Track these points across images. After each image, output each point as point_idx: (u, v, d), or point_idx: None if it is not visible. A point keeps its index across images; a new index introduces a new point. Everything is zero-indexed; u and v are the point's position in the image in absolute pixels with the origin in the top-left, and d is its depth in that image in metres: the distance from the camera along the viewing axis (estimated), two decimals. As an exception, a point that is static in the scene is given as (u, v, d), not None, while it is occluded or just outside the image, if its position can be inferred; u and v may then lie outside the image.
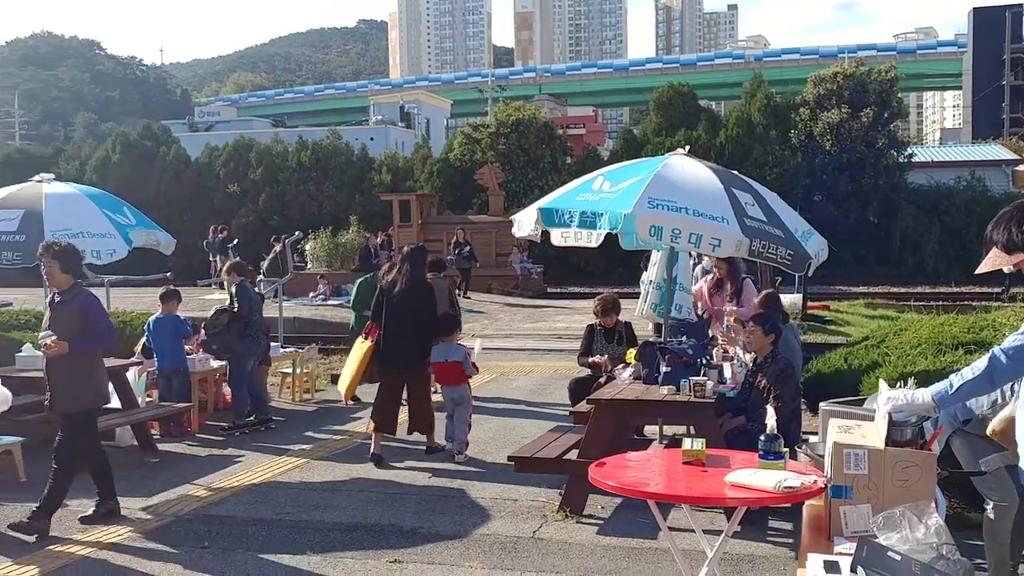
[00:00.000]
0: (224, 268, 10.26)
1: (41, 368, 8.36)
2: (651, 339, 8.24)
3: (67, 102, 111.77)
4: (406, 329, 8.13)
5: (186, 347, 10.16)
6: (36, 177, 9.41)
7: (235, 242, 27.63)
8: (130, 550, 5.94)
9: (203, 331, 10.05)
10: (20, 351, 8.98)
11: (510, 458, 7.14)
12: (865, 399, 4.25)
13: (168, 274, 26.43)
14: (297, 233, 27.04)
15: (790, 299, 17.23)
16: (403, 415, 8.47)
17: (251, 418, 9.62)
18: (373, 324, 8.28)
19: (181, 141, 42.86)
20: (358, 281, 11.69)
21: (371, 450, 8.24)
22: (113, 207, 9.48)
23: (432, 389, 8.91)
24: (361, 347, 8.34)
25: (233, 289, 9.71)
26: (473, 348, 9.13)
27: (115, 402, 9.12)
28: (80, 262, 6.73)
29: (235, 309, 9.58)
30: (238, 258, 14.75)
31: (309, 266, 26.18)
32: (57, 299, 6.49)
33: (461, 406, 8.39)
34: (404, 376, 8.32)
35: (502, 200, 29.47)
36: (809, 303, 19.27)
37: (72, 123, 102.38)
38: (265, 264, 20.23)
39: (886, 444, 3.32)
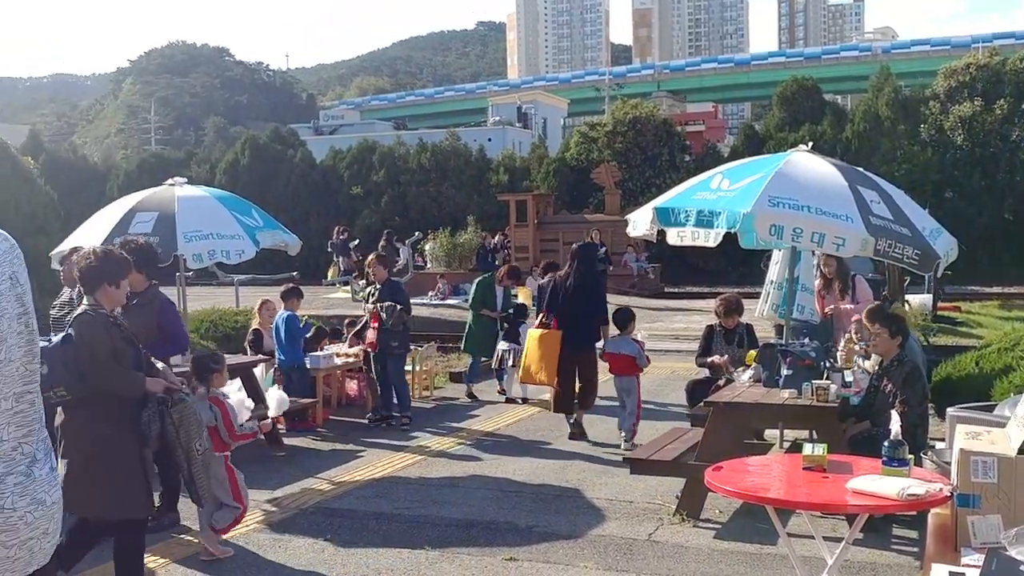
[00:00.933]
0: (369, 260, 10.46)
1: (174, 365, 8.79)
2: (772, 341, 8.07)
3: (199, 107, 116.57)
4: (578, 319, 9.02)
5: (333, 346, 10.56)
6: (169, 181, 9.81)
7: (356, 242, 28.29)
8: (255, 541, 6.16)
9: (346, 329, 10.24)
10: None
11: (626, 459, 7.11)
12: (996, 405, 4.08)
13: (295, 274, 27.33)
14: (417, 234, 27.59)
15: (920, 300, 16.61)
16: (505, 422, 8.54)
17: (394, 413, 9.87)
18: (550, 315, 9.18)
19: (307, 144, 44.13)
20: (476, 281, 11.82)
21: (570, 429, 9.13)
22: (242, 209, 9.80)
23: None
24: (547, 336, 9.13)
25: (373, 285, 9.97)
26: (644, 341, 9.46)
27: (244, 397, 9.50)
28: (156, 262, 6.59)
29: (396, 307, 9.70)
30: (361, 256, 15.10)
31: (428, 266, 26.60)
32: (133, 300, 5.99)
33: (630, 396, 8.84)
34: (576, 361, 9.08)
35: (618, 199, 29.32)
36: (940, 304, 18.53)
37: (203, 127, 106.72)
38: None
39: (1019, 452, 3.18)
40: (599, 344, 9.21)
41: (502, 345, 11.08)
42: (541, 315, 9.36)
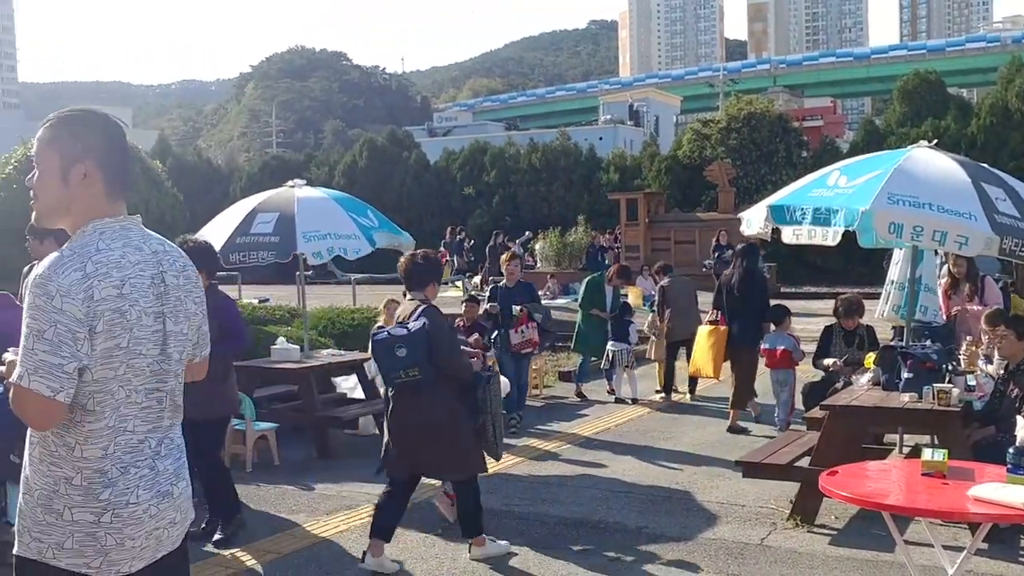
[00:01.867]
0: (504, 259, 10.52)
1: (294, 360, 9.07)
2: (892, 343, 7.84)
3: (318, 111, 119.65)
4: (741, 315, 9.59)
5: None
6: (289, 182, 10.11)
7: (471, 243, 28.63)
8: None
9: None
10: (275, 343, 9.70)
11: (738, 462, 7.01)
12: None
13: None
14: (527, 233, 27.76)
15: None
16: (614, 422, 8.49)
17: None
18: (717, 311, 9.82)
19: (421, 146, 44.85)
20: (586, 281, 11.80)
21: (729, 423, 9.53)
22: (358, 210, 10.03)
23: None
24: (714, 333, 9.74)
25: (499, 285, 10.04)
26: (799, 337, 9.91)
27: (359, 392, 9.75)
28: (216, 262, 6.38)
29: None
30: (474, 257, 15.23)
31: (538, 265, 26.71)
32: None
33: (785, 388, 9.35)
34: (737, 355, 9.67)
35: (733, 197, 28.83)
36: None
37: (322, 130, 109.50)
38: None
39: None
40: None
41: (611, 345, 11.04)
42: (710, 312, 10.09)
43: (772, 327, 9.61)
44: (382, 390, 9.45)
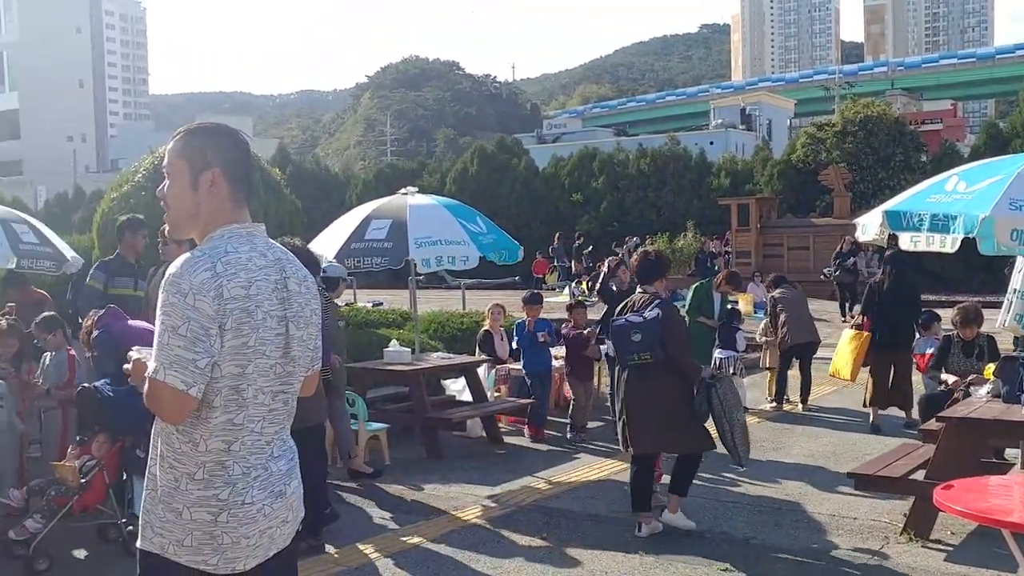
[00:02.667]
0: (614, 265, 10.53)
1: (405, 362, 9.27)
2: (1013, 353, 7.55)
3: (430, 119, 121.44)
4: (895, 321, 9.76)
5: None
6: (402, 190, 10.34)
7: (590, 248, 28.63)
8: (474, 535, 6.41)
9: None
10: (388, 346, 9.91)
11: (850, 474, 6.86)
12: None
13: (516, 278, 27.98)
14: (635, 239, 27.62)
15: None
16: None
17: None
18: (865, 317, 10.05)
19: (530, 153, 45.04)
20: (693, 287, 11.65)
21: (871, 421, 9.77)
22: (467, 216, 10.18)
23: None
24: (857, 337, 9.91)
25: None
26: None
27: (467, 395, 9.89)
28: (319, 267, 6.29)
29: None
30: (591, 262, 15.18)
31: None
32: None
33: None
34: (892, 360, 9.77)
35: (848, 202, 28.08)
36: None
37: (434, 138, 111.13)
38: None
39: None
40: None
41: (719, 352, 10.89)
42: (857, 317, 10.51)
43: (921, 332, 9.83)
44: (615, 373, 9.59)
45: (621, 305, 6.69)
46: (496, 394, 10.26)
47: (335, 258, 9.06)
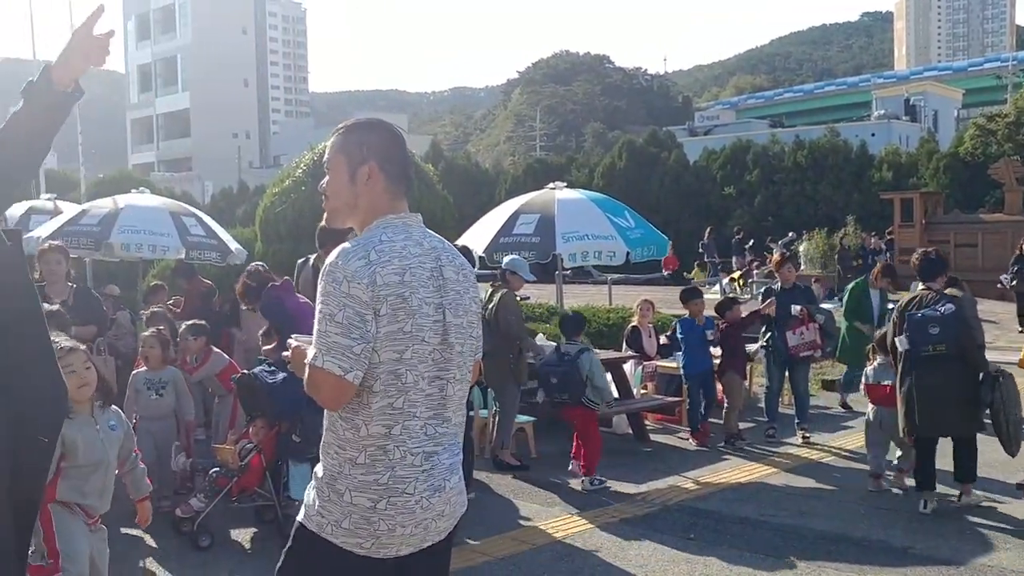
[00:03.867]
0: (775, 260, 10.22)
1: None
2: None
3: (580, 114, 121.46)
4: None
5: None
6: (550, 184, 10.36)
7: (751, 243, 28.03)
8: (620, 532, 6.35)
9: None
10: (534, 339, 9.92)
11: (1019, 485, 6.46)
12: None
13: (664, 274, 27.67)
14: (791, 234, 26.85)
15: None
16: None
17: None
18: None
19: (682, 146, 44.45)
20: (849, 288, 11.16)
21: None
22: (615, 211, 10.13)
23: None
24: None
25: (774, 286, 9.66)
26: None
27: (613, 391, 9.81)
28: (472, 262, 6.29)
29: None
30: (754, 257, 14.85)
31: (802, 268, 25.73)
32: None
33: None
34: None
35: (1020, 197, 26.44)
36: None
37: (583, 133, 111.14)
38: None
39: None
40: None
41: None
42: None
43: None
44: (635, 391, 9.51)
45: (908, 300, 6.83)
46: (643, 391, 10.15)
47: (483, 252, 9.16)
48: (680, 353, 9.47)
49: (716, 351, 9.46)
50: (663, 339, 10.77)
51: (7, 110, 2.83)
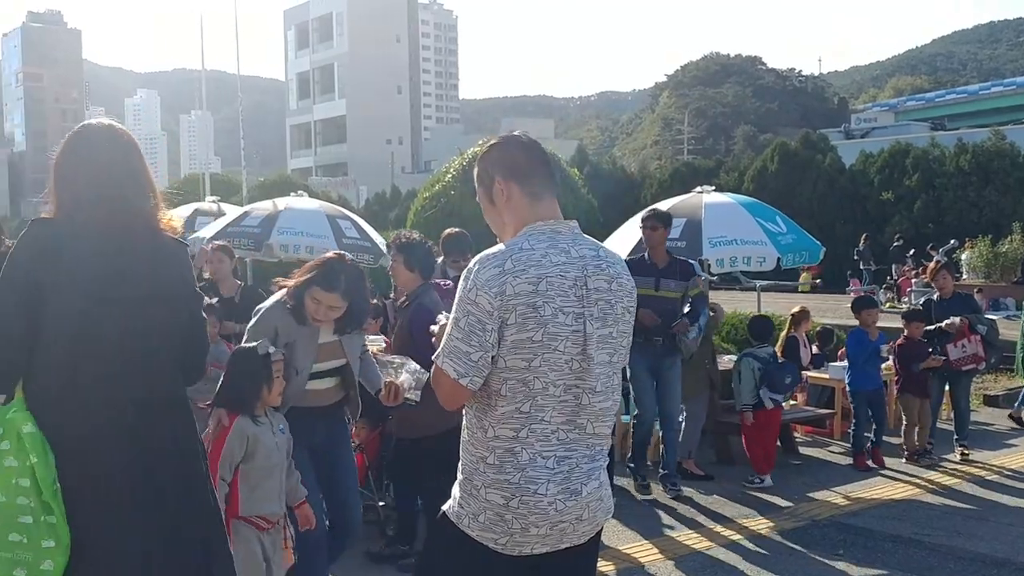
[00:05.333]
0: (931, 269, 9.81)
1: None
2: None
3: (729, 116, 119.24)
4: None
5: None
6: (697, 188, 10.21)
7: (911, 252, 26.94)
8: (764, 546, 6.20)
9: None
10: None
11: None
12: None
13: (818, 281, 26.86)
14: (952, 242, 25.56)
15: None
16: None
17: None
18: None
19: (836, 149, 43.00)
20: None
21: None
22: (766, 215, 9.88)
23: None
24: None
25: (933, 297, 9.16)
26: None
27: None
28: (431, 262, 5.58)
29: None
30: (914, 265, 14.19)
31: (964, 277, 24.49)
32: (403, 301, 5.56)
33: None
34: None
35: None
36: None
37: (733, 136, 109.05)
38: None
39: None
40: None
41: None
42: None
43: None
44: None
45: None
46: (793, 402, 9.87)
47: (628, 256, 9.11)
48: (842, 366, 9.12)
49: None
50: (814, 348, 10.47)
51: (178, 117, 3.02)
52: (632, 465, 7.61)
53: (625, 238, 9.49)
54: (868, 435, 8.48)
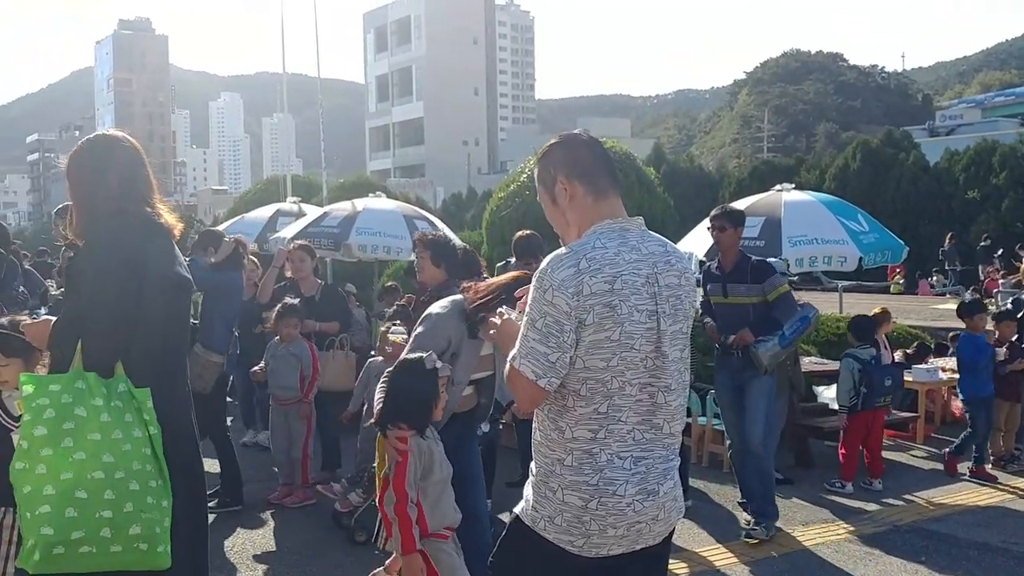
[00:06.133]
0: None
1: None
2: None
3: (810, 114, 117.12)
4: None
5: (939, 360, 9.85)
6: (777, 186, 10.07)
7: (1000, 252, 26.20)
8: (845, 551, 6.09)
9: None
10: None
11: None
12: None
13: (901, 282, 26.23)
14: (1042, 241, 24.71)
15: None
16: None
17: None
18: None
19: (920, 147, 41.93)
20: None
21: None
22: (847, 214, 9.70)
23: None
24: None
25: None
26: None
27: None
28: (455, 259, 5.53)
29: None
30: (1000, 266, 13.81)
31: (1053, 277, 23.67)
32: (424, 297, 5.49)
33: None
34: None
35: None
36: None
37: (814, 134, 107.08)
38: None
39: None
40: None
41: None
42: None
43: None
44: None
45: None
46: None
47: (704, 256, 9.03)
48: (926, 368, 8.90)
49: None
50: (898, 354, 10.23)
51: (261, 120, 3.13)
52: (742, 502, 6.82)
53: (701, 237, 9.40)
54: (986, 446, 8.11)
